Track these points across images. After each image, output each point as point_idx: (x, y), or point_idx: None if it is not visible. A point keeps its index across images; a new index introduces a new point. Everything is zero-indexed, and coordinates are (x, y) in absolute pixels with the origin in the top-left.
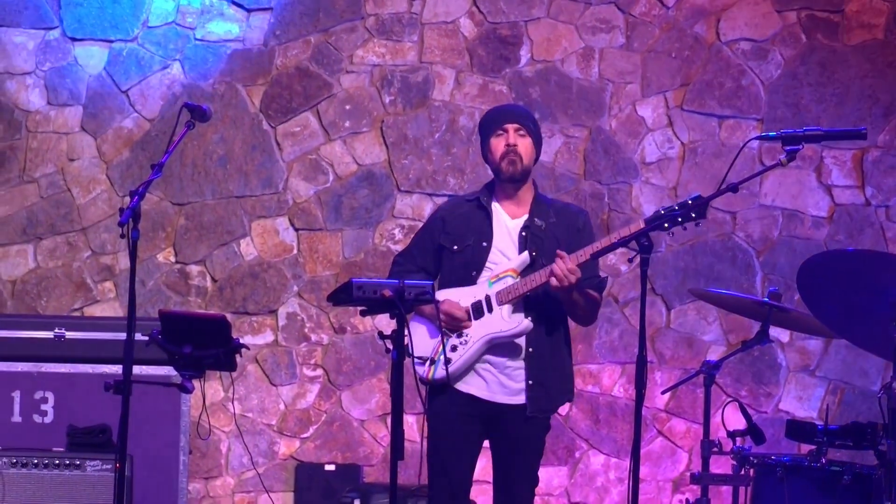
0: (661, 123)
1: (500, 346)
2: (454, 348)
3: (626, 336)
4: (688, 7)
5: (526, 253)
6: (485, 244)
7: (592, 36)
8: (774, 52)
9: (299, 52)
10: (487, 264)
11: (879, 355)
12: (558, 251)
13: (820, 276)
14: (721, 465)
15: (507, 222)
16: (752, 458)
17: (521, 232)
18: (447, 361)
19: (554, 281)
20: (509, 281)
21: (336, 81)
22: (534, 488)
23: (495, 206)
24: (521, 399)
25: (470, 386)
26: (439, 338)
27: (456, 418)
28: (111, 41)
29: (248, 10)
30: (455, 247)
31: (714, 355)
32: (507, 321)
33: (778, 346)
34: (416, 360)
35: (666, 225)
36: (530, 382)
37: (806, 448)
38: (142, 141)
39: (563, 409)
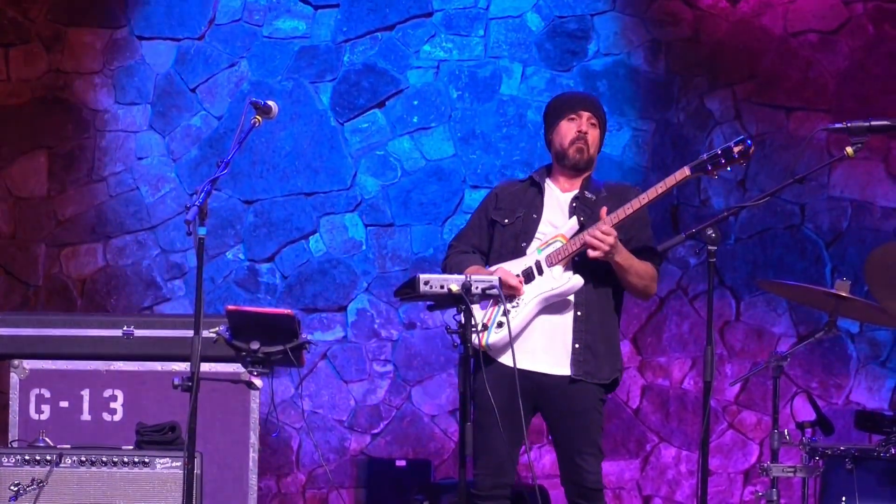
0: (730, 116)
1: (549, 310)
2: (506, 313)
3: (695, 329)
4: None
5: (574, 218)
6: (535, 216)
7: (660, 29)
8: (842, 43)
9: (366, 48)
10: (537, 234)
11: None
12: (601, 211)
13: (887, 266)
14: (791, 457)
15: (558, 195)
16: (821, 449)
17: (571, 203)
18: (499, 325)
19: (591, 251)
20: (558, 245)
21: (403, 77)
22: (599, 461)
23: (548, 183)
24: (567, 369)
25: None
26: (489, 306)
27: (500, 392)
28: (178, 39)
29: (316, 7)
30: (506, 220)
31: (784, 347)
32: (558, 279)
33: (848, 337)
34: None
35: (709, 167)
36: (577, 346)
37: (876, 439)
38: (210, 138)
39: (634, 402)
